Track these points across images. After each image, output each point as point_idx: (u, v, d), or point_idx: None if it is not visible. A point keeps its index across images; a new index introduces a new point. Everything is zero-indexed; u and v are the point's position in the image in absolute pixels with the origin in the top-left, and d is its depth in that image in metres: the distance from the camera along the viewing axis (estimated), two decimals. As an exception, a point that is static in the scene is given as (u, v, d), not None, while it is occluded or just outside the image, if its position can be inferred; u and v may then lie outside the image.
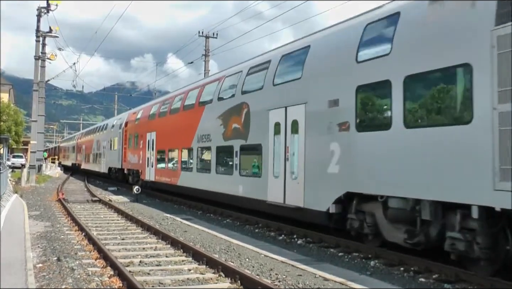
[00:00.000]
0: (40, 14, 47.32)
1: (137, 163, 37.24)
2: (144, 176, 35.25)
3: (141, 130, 36.63)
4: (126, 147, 41.39)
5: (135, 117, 39.94)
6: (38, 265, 11.95)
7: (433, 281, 11.18)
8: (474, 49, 10.43)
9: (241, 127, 20.44)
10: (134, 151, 38.23)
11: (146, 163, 34.58)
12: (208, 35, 50.73)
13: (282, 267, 12.28)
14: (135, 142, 38.35)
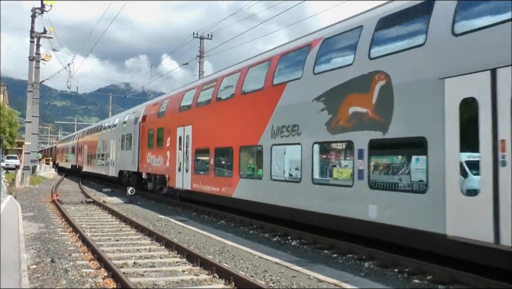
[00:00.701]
0: (34, 15, 47.19)
1: (161, 166, 30.36)
2: (173, 182, 28.18)
3: (168, 125, 29.37)
4: (144, 146, 34.17)
5: (157, 109, 32.85)
6: (32, 267, 11.93)
7: (427, 282, 11.20)
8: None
9: (372, 111, 13.38)
10: (157, 150, 31.26)
11: (176, 166, 27.55)
12: (203, 37, 50.86)
13: (276, 268, 12.28)
14: (158, 140, 31.37)
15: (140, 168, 35.22)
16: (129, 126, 38.96)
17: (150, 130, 33.20)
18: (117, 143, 42.30)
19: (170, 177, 28.69)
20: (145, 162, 33.85)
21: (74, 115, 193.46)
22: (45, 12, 46.78)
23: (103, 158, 49.17)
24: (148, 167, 33.24)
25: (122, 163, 40.77)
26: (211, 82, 24.86)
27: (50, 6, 46.62)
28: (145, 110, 35.68)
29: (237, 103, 21.30)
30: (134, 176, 37.57)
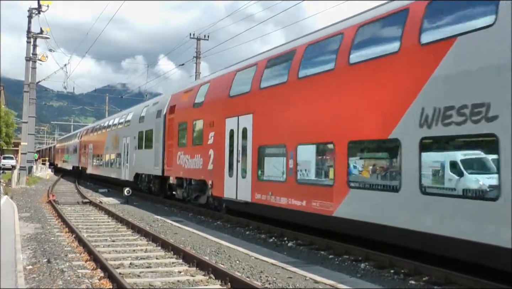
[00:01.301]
0: (31, 15, 47.14)
1: (199, 168, 23.85)
2: (219, 190, 21.86)
3: (209, 116, 23.09)
4: (172, 144, 27.79)
5: (191, 98, 26.21)
6: (28, 267, 11.92)
7: (423, 283, 11.23)
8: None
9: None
10: (193, 149, 24.84)
11: (225, 170, 21.22)
12: (200, 37, 50.79)
13: (272, 269, 12.29)
14: (194, 136, 25.03)
15: (166, 170, 28.82)
16: (148, 121, 32.70)
17: (182, 125, 26.62)
18: (132, 142, 36.21)
19: (214, 184, 22.20)
20: (174, 164, 27.28)
21: (71, 116, 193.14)
22: (41, 12, 46.71)
23: (113, 158, 42.86)
24: (179, 169, 26.55)
25: (139, 165, 34.65)
26: (282, 56, 18.40)
27: (47, 7, 46.55)
28: (173, 101, 29.00)
29: (342, 78, 14.76)
30: (156, 181, 31.82)
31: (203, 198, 24.66)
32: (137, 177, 35.40)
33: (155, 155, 30.55)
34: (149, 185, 33.12)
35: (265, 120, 18.51)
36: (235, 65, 22.91)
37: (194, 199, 25.50)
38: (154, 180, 32.14)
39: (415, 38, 12.22)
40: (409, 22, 12.49)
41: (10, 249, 13.31)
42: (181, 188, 27.09)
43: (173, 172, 27.61)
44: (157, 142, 30.32)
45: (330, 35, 15.87)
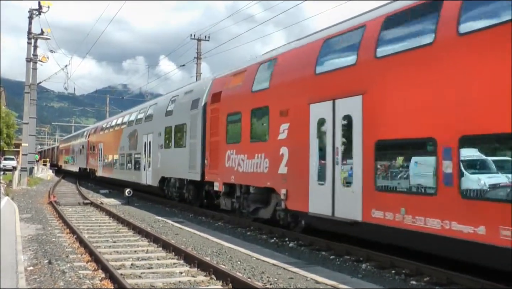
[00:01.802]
0: (31, 16, 47.26)
1: (263, 172, 18.30)
2: (299, 203, 16.08)
3: (280, 103, 17.41)
4: (217, 140, 22.12)
5: (245, 80, 20.46)
6: (29, 268, 11.93)
7: (424, 284, 11.22)
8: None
9: None
10: (251, 147, 19.30)
11: (310, 173, 15.56)
12: (200, 38, 50.79)
13: (273, 270, 12.29)
14: (253, 129, 19.61)
15: (208, 174, 23.06)
16: (179, 113, 27.44)
17: (233, 116, 20.90)
18: (156, 140, 30.94)
19: (291, 193, 16.57)
20: (220, 166, 21.63)
21: (72, 117, 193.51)
22: (42, 13, 46.81)
23: (130, 159, 37.42)
24: (228, 173, 20.87)
25: (166, 167, 29.11)
26: (420, 7, 12.67)
27: (47, 7, 46.66)
28: (216, 86, 23.29)
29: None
30: (191, 187, 26.27)
31: (265, 211, 18.94)
32: (163, 181, 29.86)
33: (190, 154, 25.12)
34: (181, 191, 27.54)
35: (389, 103, 12.95)
36: (318, 32, 17.21)
37: (252, 212, 19.66)
38: (188, 185, 26.38)
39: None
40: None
41: (11, 250, 13.32)
42: (231, 197, 21.23)
43: (220, 176, 21.63)
44: (193, 139, 24.96)
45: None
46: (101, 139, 49.12)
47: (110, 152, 44.22)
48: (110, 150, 44.40)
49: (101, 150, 48.34)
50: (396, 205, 12.22)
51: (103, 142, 47.70)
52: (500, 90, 9.96)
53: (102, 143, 48.22)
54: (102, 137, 48.48)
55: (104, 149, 47.16)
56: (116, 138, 41.75)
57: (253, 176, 18.94)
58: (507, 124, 9.65)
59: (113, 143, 42.75)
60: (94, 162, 51.74)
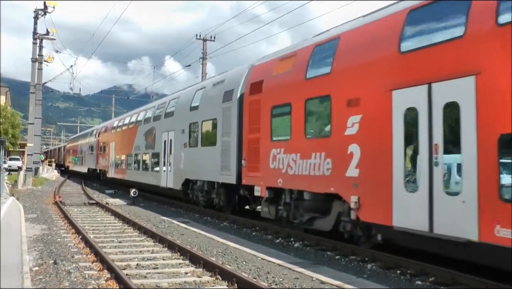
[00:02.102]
0: (37, 16, 47.35)
1: (324, 174, 15.26)
2: (378, 214, 13.03)
3: (349, 90, 14.49)
4: (259, 137, 19.06)
5: (299, 66, 17.16)
6: (35, 268, 11.94)
7: (430, 284, 11.20)
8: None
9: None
10: (307, 144, 16.33)
11: (393, 177, 12.53)
12: (206, 38, 50.82)
13: (279, 270, 12.28)
14: (308, 122, 16.58)
15: (247, 177, 19.79)
16: (207, 107, 24.22)
17: (280, 108, 17.79)
18: (179, 138, 27.56)
19: (365, 201, 13.49)
20: (263, 167, 18.42)
21: (77, 117, 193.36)
22: (47, 13, 46.91)
23: (146, 159, 34.28)
24: (274, 176, 17.72)
25: (192, 168, 25.76)
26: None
27: (53, 8, 46.79)
28: (256, 74, 20.05)
29: None
30: (222, 191, 22.98)
31: (324, 222, 15.86)
32: (187, 184, 26.59)
33: (222, 154, 22.01)
34: (209, 196, 24.33)
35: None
36: (394, 4, 14.16)
37: (306, 222, 16.59)
38: (218, 189, 23.17)
39: None
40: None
41: (17, 250, 13.34)
42: (275, 204, 18.17)
43: (263, 179, 18.48)
44: (225, 136, 21.83)
45: None
46: (112, 138, 45.76)
47: (123, 151, 40.86)
48: (123, 149, 41.12)
49: (112, 149, 44.98)
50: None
51: (115, 141, 44.51)
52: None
53: (113, 143, 44.91)
54: (114, 136, 45.22)
55: (116, 149, 43.94)
56: (130, 137, 38.36)
57: (308, 179, 15.78)
58: None
59: (127, 142, 39.48)
60: (104, 162, 48.47)
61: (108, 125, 51.04)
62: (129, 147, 38.24)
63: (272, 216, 18.45)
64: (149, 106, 37.75)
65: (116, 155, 43.34)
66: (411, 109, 11.98)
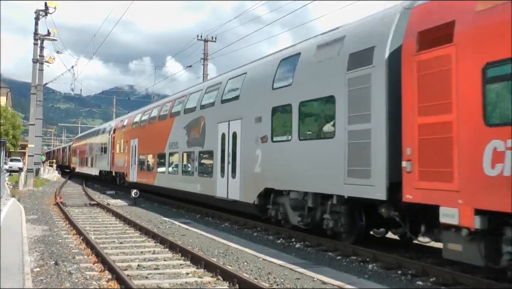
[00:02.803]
0: (38, 17, 47.36)
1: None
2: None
3: None
4: (453, 121, 10.76)
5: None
6: (36, 269, 11.94)
7: (431, 284, 11.19)
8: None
9: None
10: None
11: None
12: (207, 39, 50.80)
13: (280, 270, 12.28)
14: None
15: (414, 189, 11.67)
16: (312, 81, 16.23)
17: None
18: (251, 129, 19.85)
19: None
20: (466, 175, 10.31)
21: (78, 118, 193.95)
22: (48, 14, 46.91)
23: (190, 161, 26.24)
24: (503, 190, 9.50)
25: (277, 171, 17.96)
26: None
27: (54, 8, 46.79)
28: (426, 17, 12.10)
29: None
30: (343, 208, 14.93)
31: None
32: (267, 196, 18.71)
33: (348, 151, 14.07)
34: (314, 214, 16.41)
35: None
36: None
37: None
38: (336, 206, 15.00)
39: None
40: None
41: (18, 251, 13.35)
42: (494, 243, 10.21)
43: (465, 195, 10.31)
44: (355, 123, 13.93)
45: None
46: (134, 134, 37.96)
47: (151, 150, 33.35)
48: (150, 147, 33.58)
49: (134, 148, 37.38)
50: None
51: (138, 138, 36.70)
52: None
53: (136, 140, 37.19)
54: (136, 132, 37.48)
55: (139, 147, 36.16)
56: (162, 132, 30.63)
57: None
58: None
59: (156, 139, 31.95)
60: (123, 163, 41.15)
61: (127, 120, 42.87)
62: (160, 144, 30.54)
63: (484, 263, 10.20)
64: (190, 91, 28.75)
65: (140, 154, 36.00)
66: None
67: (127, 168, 39.20)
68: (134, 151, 37.24)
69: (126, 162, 39.87)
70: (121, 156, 42.16)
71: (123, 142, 41.43)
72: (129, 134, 39.85)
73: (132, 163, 37.85)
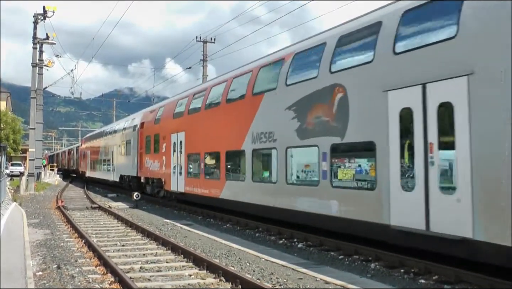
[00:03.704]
0: (36, 21, 47.29)
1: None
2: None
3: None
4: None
5: None
6: (38, 273, 11.94)
7: (433, 282, 11.19)
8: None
9: None
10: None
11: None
12: (206, 40, 50.80)
13: (282, 271, 12.28)
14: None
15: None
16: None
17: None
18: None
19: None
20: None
21: (78, 121, 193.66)
22: (47, 18, 46.89)
23: (303, 162, 17.52)
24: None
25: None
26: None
27: (52, 12, 46.76)
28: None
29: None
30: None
31: None
32: None
33: None
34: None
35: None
36: None
37: None
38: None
39: None
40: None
41: (20, 256, 13.34)
42: None
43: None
44: None
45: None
46: (179, 126, 28.21)
47: (211, 147, 24.01)
48: (210, 143, 24.08)
49: (179, 145, 27.92)
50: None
51: (187, 131, 26.99)
52: None
53: (182, 134, 27.57)
54: (183, 124, 27.65)
55: (189, 144, 26.68)
56: (236, 119, 21.29)
57: None
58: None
59: (224, 130, 22.63)
60: (158, 166, 31.66)
61: (162, 109, 32.76)
62: (232, 137, 21.48)
63: None
64: (300, 46, 18.32)
65: (189, 153, 26.73)
66: None
67: (166, 173, 29.83)
68: (179, 149, 27.90)
69: (163, 165, 30.43)
70: (155, 156, 32.25)
71: (159, 138, 31.46)
72: (167, 127, 30.35)
73: (176, 166, 28.45)
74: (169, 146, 29.41)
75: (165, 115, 31.44)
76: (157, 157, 31.83)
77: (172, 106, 30.36)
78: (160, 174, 31.23)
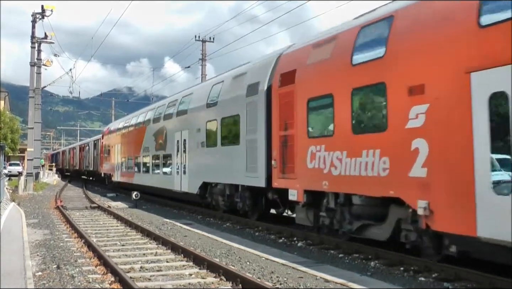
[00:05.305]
0: (35, 20, 47.27)
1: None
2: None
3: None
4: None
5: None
6: (38, 274, 11.91)
7: (433, 280, 11.19)
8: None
9: None
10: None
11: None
12: (205, 39, 50.82)
13: (283, 269, 12.27)
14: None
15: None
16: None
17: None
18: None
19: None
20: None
21: (77, 121, 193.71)
22: (45, 17, 46.85)
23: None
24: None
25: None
26: None
27: (51, 11, 46.73)
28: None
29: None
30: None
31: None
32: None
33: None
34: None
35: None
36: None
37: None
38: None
39: None
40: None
41: (19, 256, 13.33)
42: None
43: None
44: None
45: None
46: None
47: None
48: None
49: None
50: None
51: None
52: None
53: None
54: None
55: None
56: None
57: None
58: None
59: None
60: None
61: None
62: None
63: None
64: None
65: None
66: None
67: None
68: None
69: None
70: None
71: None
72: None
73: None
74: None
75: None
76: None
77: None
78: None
